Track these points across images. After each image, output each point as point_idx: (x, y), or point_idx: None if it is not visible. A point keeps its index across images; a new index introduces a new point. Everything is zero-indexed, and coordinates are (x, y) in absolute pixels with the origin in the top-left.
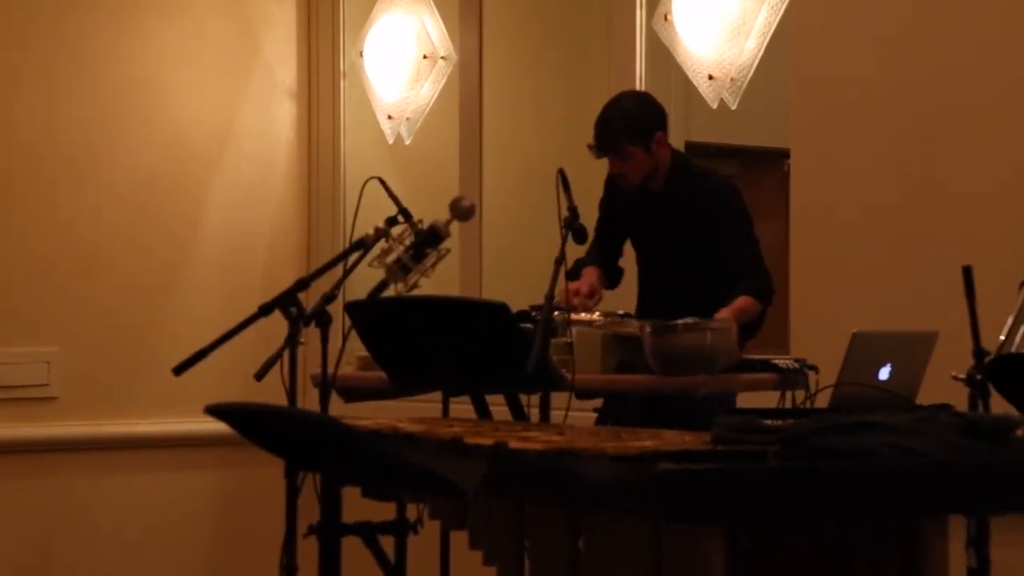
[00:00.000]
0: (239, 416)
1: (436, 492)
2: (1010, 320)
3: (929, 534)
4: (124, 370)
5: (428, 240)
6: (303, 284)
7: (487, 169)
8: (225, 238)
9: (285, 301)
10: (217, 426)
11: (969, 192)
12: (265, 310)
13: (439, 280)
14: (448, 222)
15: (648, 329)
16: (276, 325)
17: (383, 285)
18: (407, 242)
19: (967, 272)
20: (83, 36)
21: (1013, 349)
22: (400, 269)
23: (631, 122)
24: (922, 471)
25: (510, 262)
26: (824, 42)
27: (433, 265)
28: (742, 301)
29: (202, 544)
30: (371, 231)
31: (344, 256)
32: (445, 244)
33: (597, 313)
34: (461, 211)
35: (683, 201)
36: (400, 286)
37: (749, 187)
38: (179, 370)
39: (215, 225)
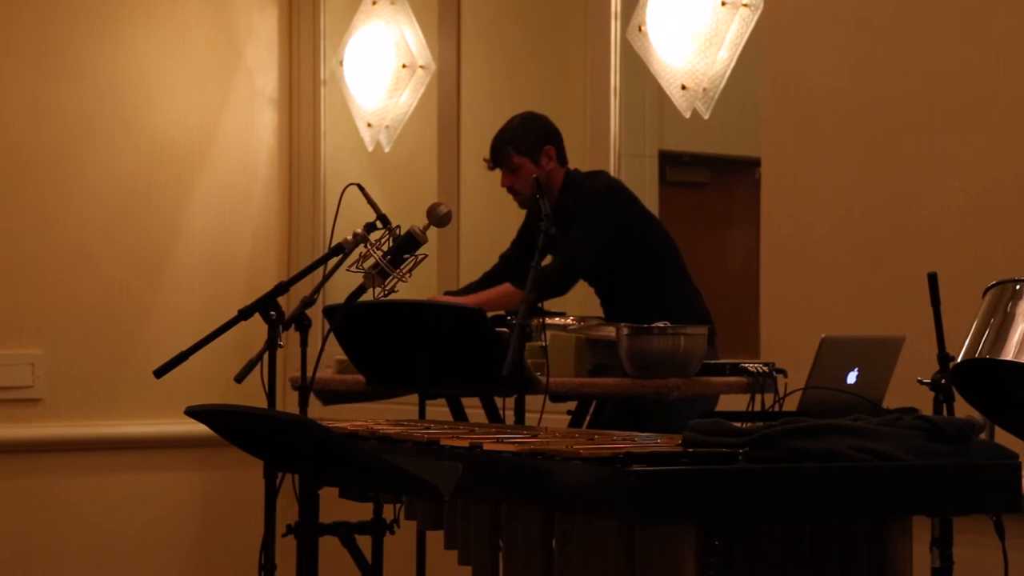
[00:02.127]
0: (219, 418)
1: (412, 493)
2: (974, 326)
3: (894, 535)
4: (108, 372)
5: (405, 245)
6: (282, 288)
7: (464, 176)
8: (207, 242)
9: (265, 305)
10: (198, 427)
11: (935, 201)
12: (245, 314)
13: (417, 285)
14: (425, 228)
15: (623, 332)
16: (257, 328)
17: (361, 290)
18: (385, 247)
19: (932, 279)
20: (68, 42)
21: (976, 355)
22: (378, 274)
23: (518, 134)
24: (887, 473)
25: (487, 267)
26: (794, 53)
27: (410, 270)
28: (501, 289)
29: (183, 543)
30: (349, 236)
31: (323, 261)
32: (422, 249)
33: (571, 318)
34: (438, 217)
35: (567, 214)
36: (378, 291)
37: (721, 195)
38: (160, 372)
39: (197, 229)
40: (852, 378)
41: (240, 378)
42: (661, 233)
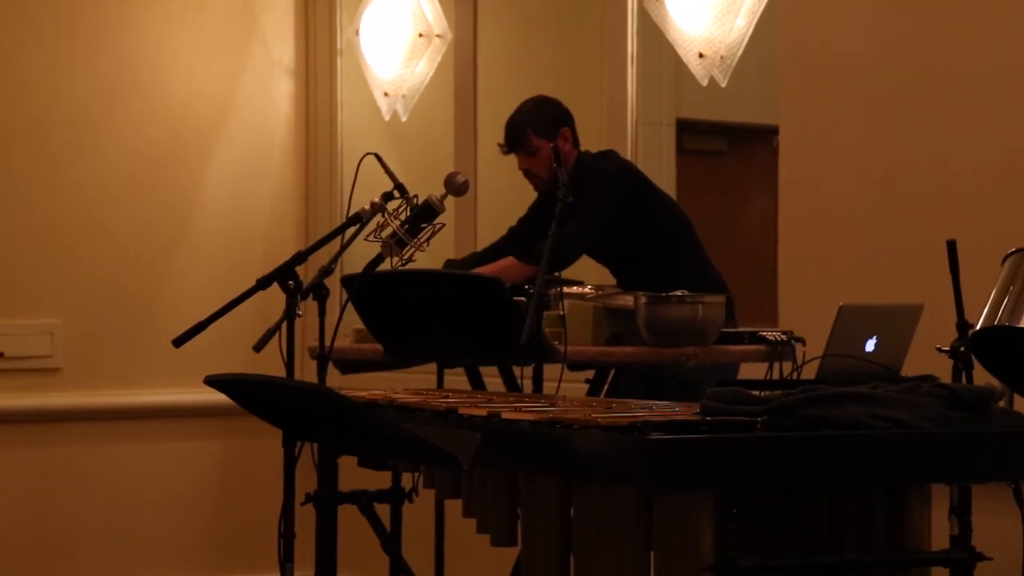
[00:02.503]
0: (238, 387)
1: (431, 462)
2: (993, 293)
3: (913, 503)
4: (126, 341)
5: (423, 215)
6: (300, 258)
7: (481, 145)
8: (225, 212)
9: (283, 275)
10: (217, 397)
11: (954, 168)
12: (263, 283)
13: (435, 254)
14: (443, 197)
15: (641, 301)
16: (275, 298)
17: (379, 259)
18: (402, 217)
19: (951, 246)
20: (84, 10)
21: (995, 322)
22: (396, 243)
23: (535, 116)
24: (906, 441)
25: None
26: (812, 20)
27: (428, 239)
28: (505, 262)
29: (202, 512)
30: (367, 206)
31: (341, 231)
32: (440, 219)
33: (589, 287)
34: (455, 186)
35: (578, 193)
36: (395, 260)
37: (738, 163)
38: (179, 342)
39: (215, 198)
40: (871, 346)
41: (259, 347)
42: (675, 213)
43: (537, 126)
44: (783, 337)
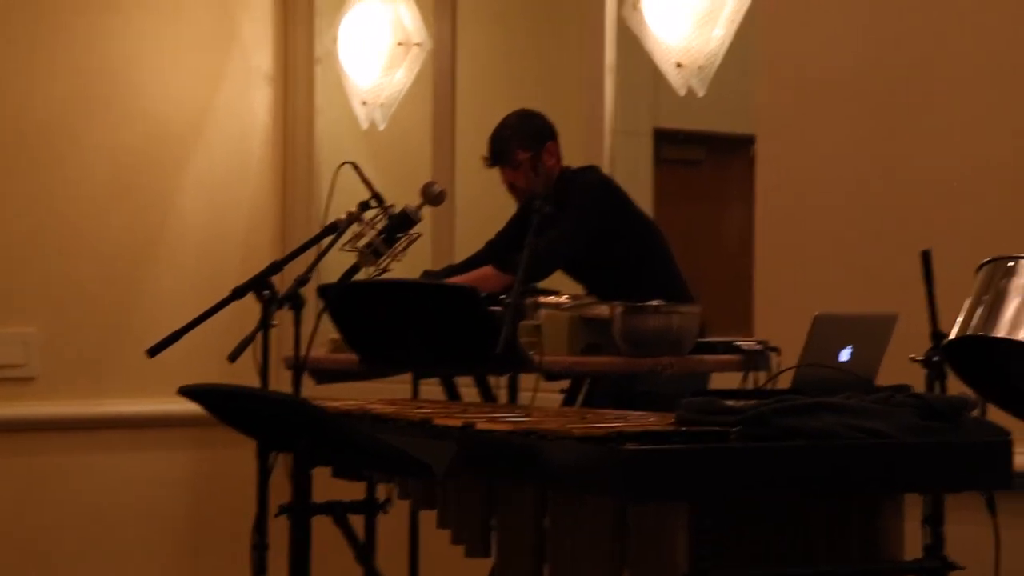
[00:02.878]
0: (211, 397)
1: (405, 472)
2: (967, 303)
3: (886, 512)
4: (102, 350)
5: (399, 224)
6: (276, 267)
7: (459, 155)
8: (202, 220)
9: (258, 284)
10: (193, 406)
11: (929, 178)
12: (238, 293)
13: (413, 264)
14: (419, 207)
15: (617, 311)
16: (252, 307)
17: (355, 269)
18: (379, 226)
19: (925, 256)
20: (62, 17)
21: (969, 332)
22: (371, 253)
23: (521, 130)
24: (879, 451)
25: (482, 246)
26: (789, 31)
27: (404, 249)
28: (483, 271)
29: (176, 522)
30: (343, 215)
31: (317, 240)
32: (416, 228)
33: (565, 296)
34: (432, 196)
35: (560, 206)
36: (372, 270)
37: (716, 172)
38: (153, 352)
39: (192, 207)
40: (846, 355)
41: (234, 357)
42: (651, 226)
43: (523, 140)
44: (758, 347)
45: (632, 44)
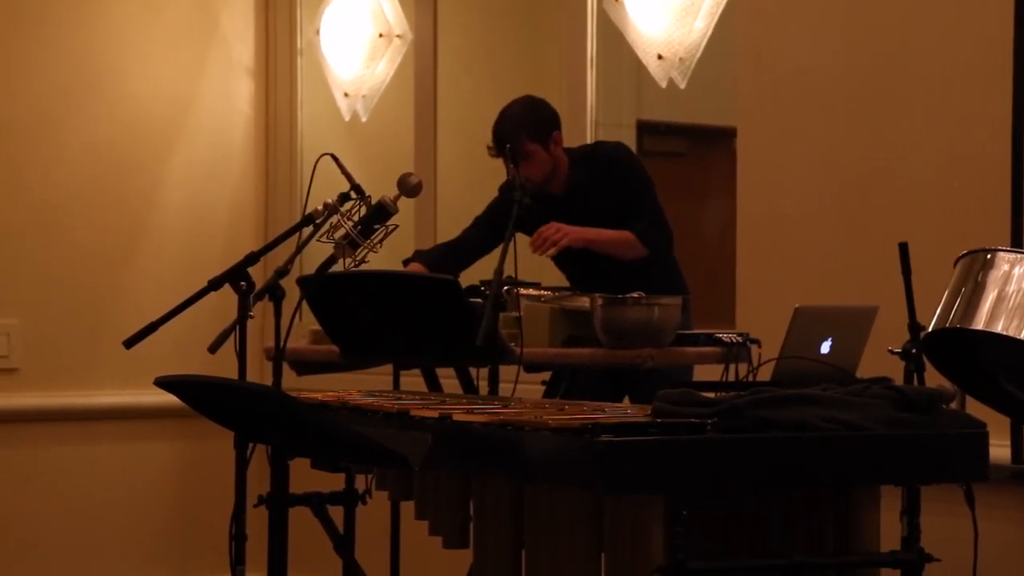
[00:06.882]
0: (188, 389)
1: (381, 463)
2: (945, 295)
3: (862, 504)
4: (84, 342)
5: (376, 216)
6: (252, 259)
7: (441, 146)
8: (183, 211)
9: (235, 275)
10: (172, 398)
11: (908, 171)
12: (214, 285)
13: (394, 255)
14: (396, 198)
15: (598, 303)
16: (233, 299)
17: (332, 260)
18: (356, 218)
19: (903, 249)
20: (43, 9)
21: (947, 324)
22: (348, 244)
23: (530, 120)
24: (855, 443)
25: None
26: (770, 24)
27: (380, 240)
28: (623, 234)
29: (157, 513)
30: (320, 207)
31: (293, 231)
32: (394, 220)
33: (545, 288)
34: (409, 187)
35: (586, 189)
36: (348, 261)
37: (698, 165)
38: (130, 343)
39: (174, 198)
40: (826, 348)
41: (213, 349)
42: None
43: (530, 131)
44: (738, 339)
45: (614, 36)
